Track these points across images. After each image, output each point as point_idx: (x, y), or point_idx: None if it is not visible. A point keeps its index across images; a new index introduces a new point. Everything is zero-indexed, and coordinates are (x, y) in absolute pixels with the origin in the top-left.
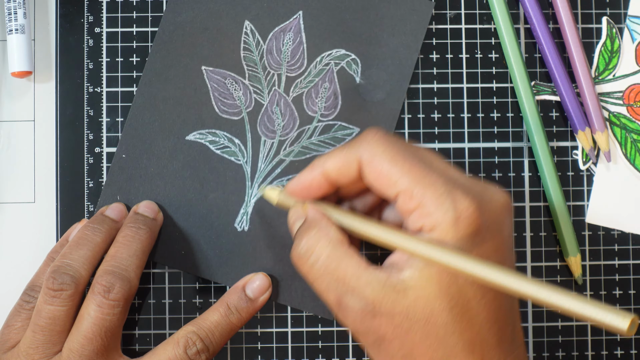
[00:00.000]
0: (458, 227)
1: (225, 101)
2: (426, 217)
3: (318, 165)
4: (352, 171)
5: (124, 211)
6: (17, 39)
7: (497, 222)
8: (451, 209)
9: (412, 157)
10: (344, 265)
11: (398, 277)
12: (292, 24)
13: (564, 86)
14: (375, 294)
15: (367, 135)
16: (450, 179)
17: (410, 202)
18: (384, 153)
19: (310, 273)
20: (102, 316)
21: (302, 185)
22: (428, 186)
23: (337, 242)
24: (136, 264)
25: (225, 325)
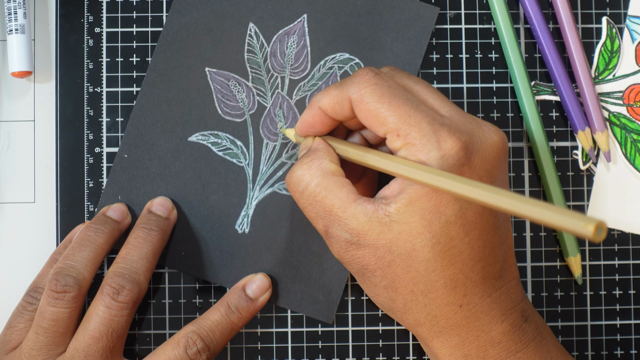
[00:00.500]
0: (442, 166)
1: (228, 103)
2: (412, 155)
3: (314, 103)
4: (345, 109)
5: (126, 211)
6: (17, 39)
7: (486, 161)
8: (435, 147)
9: (400, 96)
10: (332, 196)
11: (385, 210)
12: (296, 27)
13: (564, 86)
14: (360, 226)
15: (357, 74)
16: (437, 118)
17: (397, 140)
18: (373, 93)
19: (300, 200)
20: (110, 317)
21: (306, 123)
22: (413, 125)
23: (328, 172)
24: (146, 266)
25: (226, 324)
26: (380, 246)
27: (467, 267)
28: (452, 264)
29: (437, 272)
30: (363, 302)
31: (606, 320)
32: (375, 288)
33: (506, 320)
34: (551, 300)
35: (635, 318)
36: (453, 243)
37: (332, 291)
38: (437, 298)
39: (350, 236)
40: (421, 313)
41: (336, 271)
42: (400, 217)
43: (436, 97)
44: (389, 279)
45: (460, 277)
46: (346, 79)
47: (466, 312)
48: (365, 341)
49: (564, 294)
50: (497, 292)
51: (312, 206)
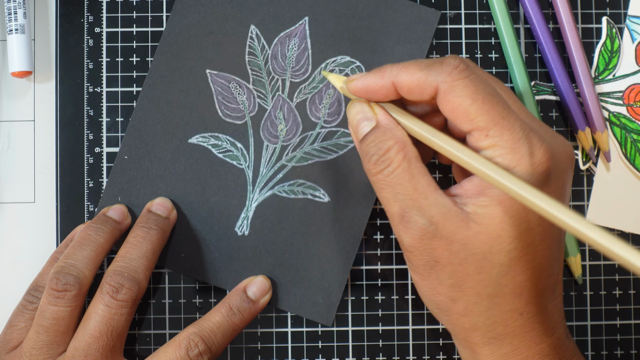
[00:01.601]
0: (533, 174)
1: (228, 105)
2: (501, 157)
3: (390, 74)
4: (425, 94)
5: (126, 212)
6: (17, 39)
7: (563, 171)
8: (527, 154)
9: (493, 96)
10: (415, 181)
11: (462, 209)
12: (297, 29)
13: (564, 86)
14: (440, 216)
15: (447, 62)
16: (527, 124)
17: (485, 141)
18: (466, 87)
19: (382, 181)
20: (110, 316)
21: (368, 88)
22: (506, 128)
23: (414, 157)
24: (145, 265)
25: (228, 326)
26: (456, 241)
27: (535, 276)
28: (523, 271)
29: (508, 277)
30: (363, 302)
31: (606, 320)
32: (440, 285)
33: (555, 334)
34: None
35: (635, 318)
36: (528, 250)
37: (332, 294)
38: (501, 303)
39: (429, 224)
40: (481, 317)
41: (335, 274)
42: (478, 217)
43: (517, 101)
44: (457, 277)
45: (527, 285)
46: (432, 62)
47: (524, 321)
48: (365, 341)
49: (564, 293)
50: (552, 304)
51: (392, 188)
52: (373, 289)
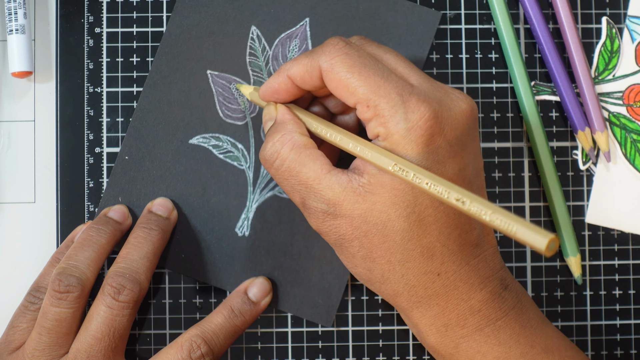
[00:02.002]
0: (410, 137)
1: (229, 106)
2: (381, 125)
3: (284, 70)
4: (314, 78)
5: (126, 213)
6: (17, 39)
7: (456, 128)
8: (403, 119)
9: (371, 67)
10: (306, 170)
11: (359, 181)
12: (298, 30)
13: (564, 86)
14: (335, 196)
15: (327, 43)
16: (406, 88)
17: (368, 111)
18: (343, 62)
19: (276, 175)
20: (112, 317)
21: (271, 89)
22: (382, 96)
23: (301, 146)
24: (146, 266)
25: (229, 328)
26: (356, 216)
27: (444, 235)
28: (428, 233)
29: (413, 241)
30: (363, 302)
31: (606, 320)
32: (354, 258)
33: (485, 288)
34: (551, 300)
35: (635, 318)
36: (427, 212)
37: (332, 295)
38: (414, 267)
39: (327, 206)
40: (399, 283)
41: (335, 275)
42: (373, 187)
43: (406, 66)
44: (366, 249)
45: (437, 246)
46: (316, 48)
47: (444, 281)
48: (365, 341)
49: (564, 294)
50: (475, 260)
51: (287, 180)
52: None
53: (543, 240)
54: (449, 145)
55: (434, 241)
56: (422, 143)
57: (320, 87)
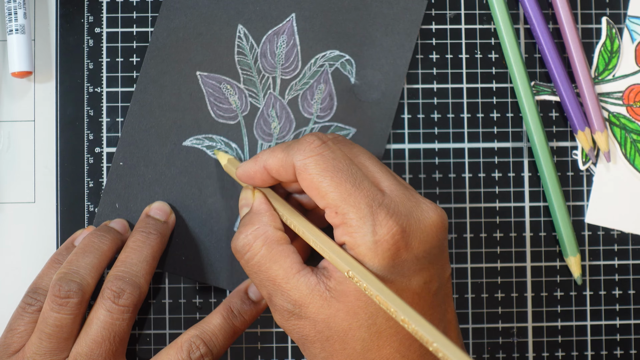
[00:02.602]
0: (377, 251)
1: (220, 106)
2: (348, 235)
3: (261, 160)
4: (289, 174)
5: (127, 226)
6: (17, 39)
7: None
8: (370, 232)
9: (343, 171)
10: (276, 267)
11: (326, 284)
12: (285, 26)
13: (564, 86)
14: (302, 299)
15: (303, 140)
16: (377, 199)
17: (336, 218)
18: (317, 164)
19: (246, 267)
20: (112, 321)
21: (247, 175)
22: (352, 206)
23: (274, 242)
24: (146, 269)
25: (229, 328)
26: (319, 320)
27: (404, 346)
28: (388, 344)
29: (372, 352)
30: None
31: (606, 320)
32: (315, 358)
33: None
34: (551, 300)
35: (634, 318)
36: (389, 324)
37: None
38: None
39: (292, 307)
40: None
41: None
42: (338, 294)
43: (379, 169)
44: (327, 352)
45: (396, 356)
46: (293, 142)
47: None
48: None
49: (563, 294)
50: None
51: (256, 274)
52: None
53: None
54: (416, 259)
55: (393, 352)
56: (388, 257)
57: (295, 181)
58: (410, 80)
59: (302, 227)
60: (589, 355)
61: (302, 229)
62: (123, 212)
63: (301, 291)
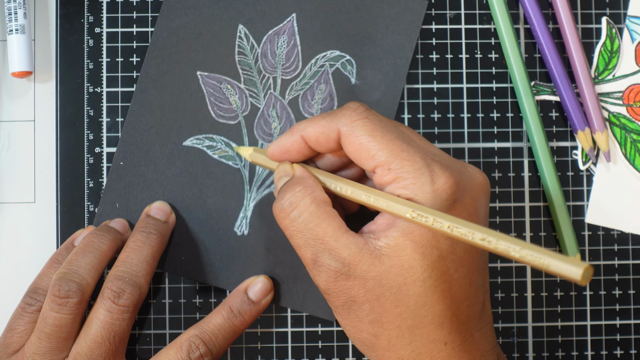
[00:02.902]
0: (435, 199)
1: (221, 106)
2: (404, 189)
3: (298, 129)
4: (331, 141)
5: (127, 226)
6: (17, 39)
7: (475, 198)
8: (428, 181)
9: (391, 132)
10: (325, 225)
11: (375, 244)
12: (285, 26)
13: (564, 86)
14: (351, 257)
15: (348, 107)
16: (428, 154)
17: (388, 175)
18: (364, 126)
19: (290, 227)
20: (112, 321)
21: (282, 148)
22: (406, 160)
23: (321, 201)
24: (146, 269)
25: (229, 328)
26: (370, 278)
27: (455, 305)
28: (441, 300)
29: (426, 307)
30: None
31: (606, 320)
32: (360, 323)
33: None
34: (551, 300)
35: (635, 318)
36: (444, 278)
37: None
38: (423, 334)
39: (341, 265)
40: (406, 350)
41: None
42: (390, 251)
43: (421, 138)
44: (376, 313)
45: (447, 314)
46: (335, 110)
47: (450, 351)
48: None
49: (563, 294)
50: (478, 332)
51: (302, 234)
52: None
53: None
54: (468, 213)
55: (445, 309)
56: (447, 207)
57: (334, 150)
58: (410, 80)
59: (350, 186)
60: (589, 355)
61: (351, 187)
62: (123, 211)
63: (351, 249)
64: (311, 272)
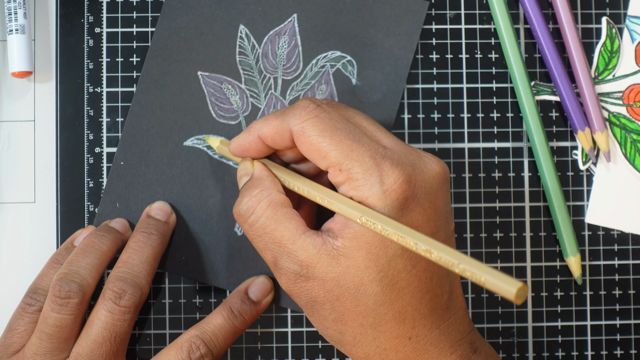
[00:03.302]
0: (385, 200)
1: (222, 106)
2: (355, 190)
3: (255, 129)
4: (286, 140)
5: (127, 226)
6: (17, 39)
7: (429, 192)
8: (378, 182)
9: (342, 130)
10: (282, 228)
11: (333, 244)
12: (287, 27)
13: (564, 86)
14: (309, 258)
15: (298, 105)
16: (379, 151)
17: (340, 175)
18: (314, 126)
19: (250, 231)
20: (113, 322)
21: (241, 147)
22: (355, 160)
23: (278, 204)
24: (147, 270)
25: (229, 328)
26: (329, 279)
27: (415, 299)
28: (400, 297)
29: (385, 305)
30: None
31: (606, 320)
32: (325, 321)
33: (455, 352)
34: (551, 300)
35: (635, 318)
36: (400, 276)
37: None
38: (386, 331)
39: (300, 268)
40: (370, 346)
41: None
42: (347, 251)
43: (377, 128)
44: (338, 312)
45: (408, 310)
46: (286, 108)
47: (415, 345)
48: None
49: (563, 294)
50: (445, 323)
51: (260, 238)
52: None
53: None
54: (422, 209)
55: (406, 305)
56: (397, 207)
57: (290, 147)
58: (410, 80)
59: (306, 186)
60: (589, 355)
61: (307, 187)
62: (124, 211)
63: (308, 251)
64: (274, 274)
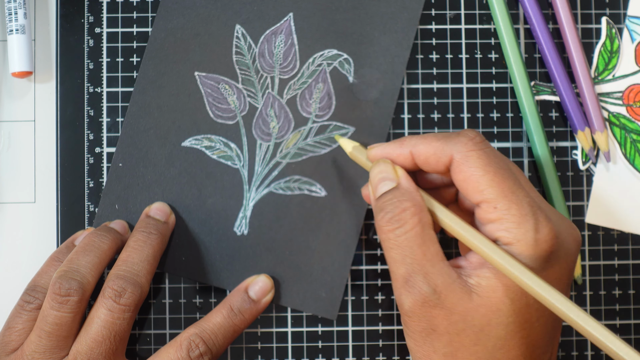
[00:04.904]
0: (536, 249)
1: (219, 106)
2: (506, 231)
3: (409, 144)
4: (441, 164)
5: (127, 227)
6: (17, 39)
7: (568, 254)
8: (532, 229)
9: (504, 170)
10: (425, 248)
11: (467, 281)
12: (283, 26)
13: (564, 86)
14: (444, 286)
15: (465, 134)
16: (535, 201)
17: (493, 213)
18: (479, 158)
19: (392, 240)
20: (112, 320)
21: (387, 156)
22: (514, 202)
23: (427, 224)
24: (147, 269)
25: (229, 327)
26: (456, 312)
27: (529, 351)
28: (518, 346)
29: (502, 351)
30: (363, 302)
31: (606, 320)
32: (434, 354)
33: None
34: None
35: (635, 318)
36: (525, 325)
37: (334, 287)
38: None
39: (432, 292)
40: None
41: (337, 267)
42: (481, 290)
43: (527, 180)
44: (453, 347)
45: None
46: (450, 134)
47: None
48: (365, 341)
49: None
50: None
51: (401, 249)
52: (373, 289)
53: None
54: (560, 267)
55: (519, 355)
56: (544, 258)
57: (441, 172)
58: (410, 80)
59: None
60: (589, 355)
61: (451, 220)
62: (123, 213)
63: (445, 278)
64: (398, 290)
